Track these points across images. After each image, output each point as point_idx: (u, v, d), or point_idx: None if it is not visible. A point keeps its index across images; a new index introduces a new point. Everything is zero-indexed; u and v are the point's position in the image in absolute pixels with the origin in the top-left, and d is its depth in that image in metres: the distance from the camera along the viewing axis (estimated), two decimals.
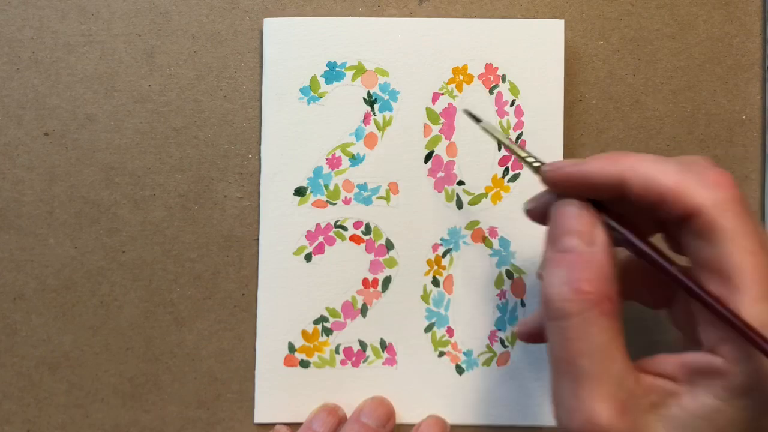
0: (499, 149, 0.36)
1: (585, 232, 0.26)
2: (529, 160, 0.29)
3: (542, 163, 0.28)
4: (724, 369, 0.24)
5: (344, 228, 0.36)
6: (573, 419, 0.24)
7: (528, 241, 0.36)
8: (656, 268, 0.26)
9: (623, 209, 0.27)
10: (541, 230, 0.28)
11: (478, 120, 0.33)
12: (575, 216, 0.26)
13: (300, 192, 0.36)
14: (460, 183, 0.36)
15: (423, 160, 0.36)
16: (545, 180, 0.28)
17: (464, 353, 0.36)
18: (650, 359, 0.26)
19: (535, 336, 0.31)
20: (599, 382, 0.24)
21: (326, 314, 0.36)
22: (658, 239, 0.28)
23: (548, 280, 0.26)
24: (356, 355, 0.36)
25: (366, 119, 0.36)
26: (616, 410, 0.24)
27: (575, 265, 0.25)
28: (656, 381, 0.25)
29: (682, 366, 0.25)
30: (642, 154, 0.26)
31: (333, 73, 0.36)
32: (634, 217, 0.27)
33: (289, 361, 0.36)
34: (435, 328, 0.36)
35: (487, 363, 0.36)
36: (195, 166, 0.36)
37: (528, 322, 0.31)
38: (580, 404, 0.24)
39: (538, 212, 0.29)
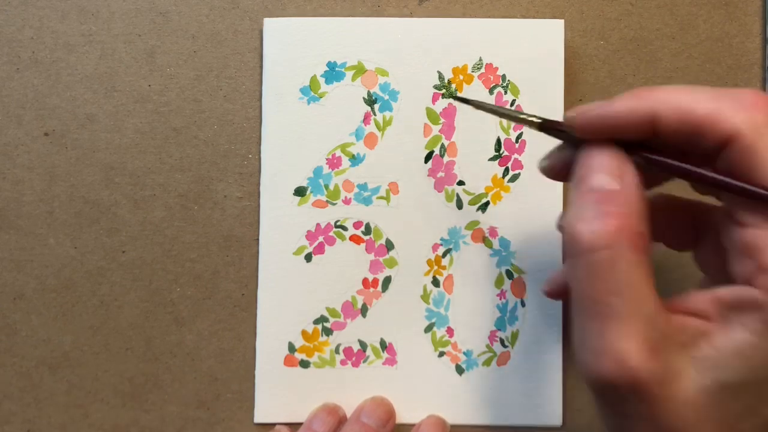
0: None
1: (614, 170, 0.25)
2: (534, 120, 0.28)
3: (544, 119, 0.27)
4: (762, 300, 0.22)
5: (344, 228, 0.36)
6: (600, 362, 0.23)
7: (528, 241, 0.36)
8: (698, 181, 0.25)
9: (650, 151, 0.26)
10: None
11: (467, 101, 0.32)
12: (604, 156, 0.25)
13: (300, 192, 0.36)
14: (460, 183, 0.36)
15: (423, 160, 0.36)
16: (575, 126, 0.26)
17: (464, 353, 0.36)
18: (680, 298, 0.25)
19: (562, 291, 0.31)
20: (630, 321, 0.22)
21: (326, 314, 0.36)
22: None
23: (575, 215, 0.24)
24: (356, 355, 0.36)
25: (366, 119, 0.36)
26: (647, 351, 0.22)
27: (604, 201, 0.24)
28: (686, 320, 0.24)
29: (714, 301, 0.24)
30: (671, 86, 0.25)
31: (333, 73, 0.36)
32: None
33: (289, 361, 0.36)
34: (435, 328, 0.36)
35: (487, 363, 0.36)
36: (195, 166, 0.36)
37: (556, 279, 0.32)
38: (608, 345, 0.23)
39: (557, 168, 0.28)
